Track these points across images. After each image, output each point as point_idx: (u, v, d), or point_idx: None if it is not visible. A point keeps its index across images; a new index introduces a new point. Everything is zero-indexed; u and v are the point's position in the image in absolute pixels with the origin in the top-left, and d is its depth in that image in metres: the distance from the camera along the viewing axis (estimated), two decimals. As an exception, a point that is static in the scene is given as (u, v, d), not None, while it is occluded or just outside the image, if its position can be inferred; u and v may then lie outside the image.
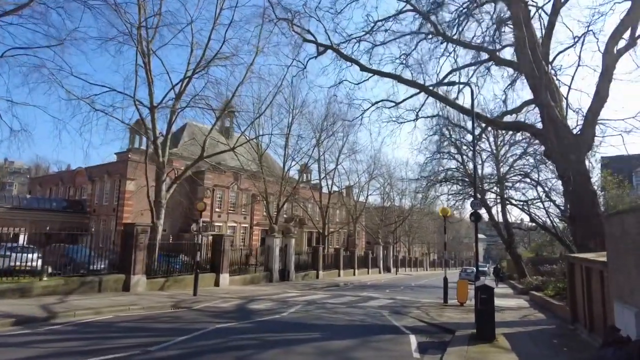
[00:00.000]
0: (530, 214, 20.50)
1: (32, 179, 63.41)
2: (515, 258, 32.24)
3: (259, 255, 25.44)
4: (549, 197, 19.67)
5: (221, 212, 49.82)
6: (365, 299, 16.01)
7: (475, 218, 11.46)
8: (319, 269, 30.12)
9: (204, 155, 20.69)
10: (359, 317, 11.11)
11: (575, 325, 10.07)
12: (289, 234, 26.56)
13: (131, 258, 15.05)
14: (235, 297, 15.12)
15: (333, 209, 64.62)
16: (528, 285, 23.83)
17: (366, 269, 42.16)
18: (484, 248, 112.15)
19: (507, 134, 28.74)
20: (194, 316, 10.54)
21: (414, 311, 12.64)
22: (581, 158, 13.84)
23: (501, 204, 30.80)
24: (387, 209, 62.19)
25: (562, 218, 19.39)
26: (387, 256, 51.05)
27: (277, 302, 13.82)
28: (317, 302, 13.97)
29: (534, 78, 14.57)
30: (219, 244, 19.73)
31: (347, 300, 15.08)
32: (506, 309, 14.69)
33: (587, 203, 12.96)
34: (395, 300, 16.52)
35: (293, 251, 26.33)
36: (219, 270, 19.48)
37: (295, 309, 12.01)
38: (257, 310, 11.74)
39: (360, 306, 13.38)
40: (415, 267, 67.74)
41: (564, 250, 38.08)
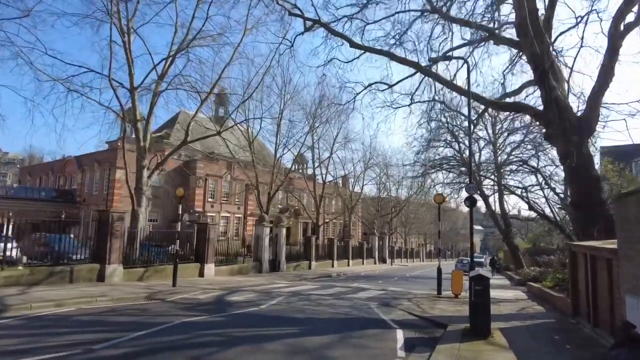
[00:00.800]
0: (528, 201, 19.67)
1: (22, 169, 62.30)
2: (513, 249, 31.55)
3: (249, 246, 24.64)
4: (548, 185, 18.86)
5: (214, 202, 48.94)
6: (355, 290, 15.22)
7: (470, 203, 10.61)
8: (312, 260, 29.35)
9: (188, 140, 19.72)
10: (344, 309, 10.29)
11: (577, 319, 9.29)
12: (279, 223, 25.72)
13: (106, 247, 14.18)
14: (218, 288, 14.30)
15: (329, 199, 63.93)
16: (525, 277, 23.18)
17: (361, 260, 41.47)
18: (481, 239, 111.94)
19: (505, 121, 27.91)
20: (164, 309, 9.70)
21: (405, 303, 11.84)
22: (584, 140, 12.96)
23: (499, 193, 30.03)
24: (383, 199, 61.46)
25: (562, 206, 18.58)
26: (383, 247, 50.32)
27: (260, 293, 13.01)
28: (302, 294, 13.16)
29: (536, 56, 13.62)
30: (203, 232, 18.86)
31: (335, 292, 14.28)
32: (503, 301, 13.92)
33: (591, 188, 12.13)
34: (387, 291, 15.74)
35: (284, 241, 25.52)
36: (204, 260, 18.63)
37: (277, 301, 11.19)
38: (235, 303, 10.91)
39: (348, 298, 12.57)
40: (412, 258, 67.15)
41: (562, 241, 37.46)
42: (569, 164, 12.82)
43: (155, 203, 45.57)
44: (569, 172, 12.99)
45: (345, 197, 53.40)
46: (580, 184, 12.38)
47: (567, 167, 13.11)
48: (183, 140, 19.76)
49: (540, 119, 13.81)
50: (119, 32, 17.42)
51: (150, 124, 18.82)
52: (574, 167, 12.61)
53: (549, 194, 18.93)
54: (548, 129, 13.69)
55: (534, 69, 14.32)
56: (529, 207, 20.29)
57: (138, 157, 18.59)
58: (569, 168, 13.00)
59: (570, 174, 12.94)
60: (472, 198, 10.88)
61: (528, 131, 25.36)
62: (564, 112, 13.18)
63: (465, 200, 11.08)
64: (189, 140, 19.77)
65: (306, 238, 30.82)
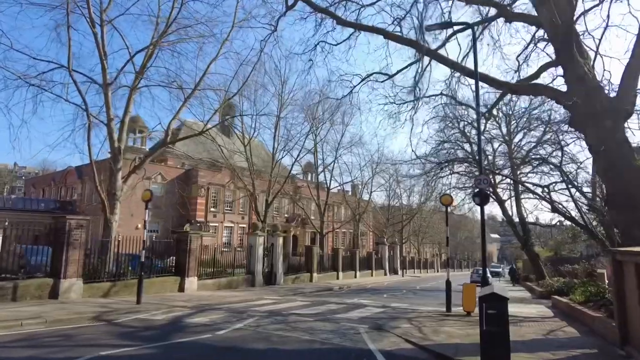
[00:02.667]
0: (551, 202, 17.27)
1: (27, 181, 61.81)
2: (533, 257, 28.87)
3: (242, 256, 22.63)
4: (572, 183, 16.41)
5: (217, 211, 47.32)
6: (349, 308, 13.06)
7: (480, 199, 8.47)
8: (313, 271, 27.19)
9: (168, 141, 17.94)
10: (323, 335, 8.18)
11: (628, 350, 7.02)
12: (276, 231, 23.70)
13: (62, 258, 12.36)
14: (189, 306, 12.33)
15: (337, 208, 61.76)
16: (549, 288, 20.65)
17: (370, 271, 39.13)
18: (498, 248, 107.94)
19: (521, 118, 25.54)
20: (95, 335, 7.75)
21: (403, 325, 9.65)
22: (620, 125, 10.72)
23: (515, 196, 27.51)
24: (394, 207, 59.05)
25: (589, 207, 16.12)
26: (394, 257, 47.84)
27: (231, 313, 10.97)
28: (282, 313, 11.07)
29: (557, 29, 11.51)
30: (184, 243, 16.97)
31: (324, 310, 12.14)
32: (524, 319, 11.61)
33: (632, 181, 9.86)
34: (387, 308, 13.53)
35: (280, 251, 23.46)
36: (185, 273, 16.71)
37: (244, 324, 9.14)
38: (192, 326, 8.90)
39: (335, 318, 10.43)
40: (425, 268, 64.23)
41: (587, 249, 34.57)
42: (602, 154, 10.60)
43: (156, 213, 44.12)
44: (602, 164, 10.72)
45: (353, 205, 51.10)
46: (616, 177, 10.12)
47: (599, 157, 10.88)
48: (163, 142, 18.02)
49: (564, 102, 11.60)
50: (89, 22, 15.86)
51: (125, 123, 17.10)
52: (609, 157, 10.38)
53: (574, 193, 16.50)
54: (574, 113, 11.48)
55: (554, 45, 12.20)
56: (552, 209, 17.85)
57: (113, 160, 16.84)
58: (601, 159, 10.77)
59: (603, 166, 10.67)
60: (483, 193, 8.74)
61: (546, 130, 23.03)
62: (593, 92, 10.98)
63: (474, 197, 8.96)
64: (169, 142, 17.99)
65: (307, 248, 28.70)
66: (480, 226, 9.11)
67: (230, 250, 23.70)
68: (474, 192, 29.46)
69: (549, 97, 13.03)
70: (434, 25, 10.87)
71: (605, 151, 10.47)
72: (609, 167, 10.38)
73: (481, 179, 8.87)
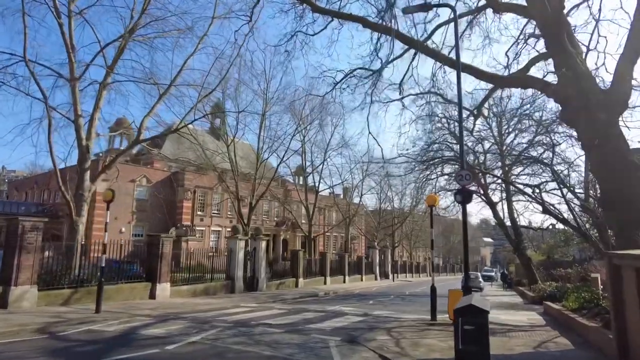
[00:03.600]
0: (543, 202, 16.49)
1: (10, 184, 60.24)
2: (525, 261, 28.15)
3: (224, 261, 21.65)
4: (563, 183, 15.64)
5: (204, 215, 46.24)
6: (327, 317, 12.15)
7: (462, 197, 7.62)
8: (299, 277, 26.22)
9: (141, 139, 16.97)
10: (287, 350, 7.27)
11: (627, 366, 6.19)
12: (258, 235, 22.73)
13: (13, 263, 11.35)
14: (154, 314, 11.37)
15: (329, 211, 60.87)
16: (540, 293, 19.90)
17: (360, 276, 38.18)
18: (491, 252, 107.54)
19: (512, 120, 24.84)
20: (24, 352, 6.79)
21: (380, 337, 8.75)
22: (615, 118, 9.97)
23: (506, 199, 26.82)
24: (386, 211, 58.27)
25: (582, 208, 15.36)
26: (385, 261, 46.89)
27: (195, 323, 10.02)
28: (250, 324, 10.12)
29: (547, 19, 10.81)
30: (155, 246, 15.97)
31: (298, 319, 11.22)
32: (513, 328, 10.77)
33: (627, 179, 9.10)
34: (369, 317, 12.63)
35: (263, 255, 22.49)
36: (156, 279, 15.71)
37: (202, 337, 8.20)
38: (142, 339, 7.96)
39: (307, 329, 9.51)
40: (418, 272, 63.34)
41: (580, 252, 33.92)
42: (595, 149, 9.84)
43: (141, 217, 42.98)
44: (595, 160, 9.95)
45: (343, 209, 50.21)
46: (611, 174, 9.34)
47: (592, 153, 10.11)
48: (135, 139, 17.05)
49: (555, 95, 10.85)
50: (53, 13, 14.93)
51: (95, 120, 16.13)
52: (602, 152, 9.62)
53: (566, 194, 15.72)
54: (565, 107, 10.73)
55: (545, 36, 11.48)
56: (543, 210, 17.10)
57: (80, 158, 15.84)
58: (594, 155, 10.01)
59: (596, 163, 9.91)
60: (466, 191, 7.89)
61: (537, 131, 22.33)
62: (586, 83, 10.24)
63: (456, 194, 8.13)
64: (141, 140, 17.01)
65: (293, 252, 27.74)
66: (462, 227, 8.27)
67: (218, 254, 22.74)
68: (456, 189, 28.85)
69: (538, 90, 12.29)
70: (412, 7, 10.06)
71: (599, 146, 9.72)
72: (602, 164, 9.62)
73: (463, 175, 8.01)
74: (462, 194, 7.78)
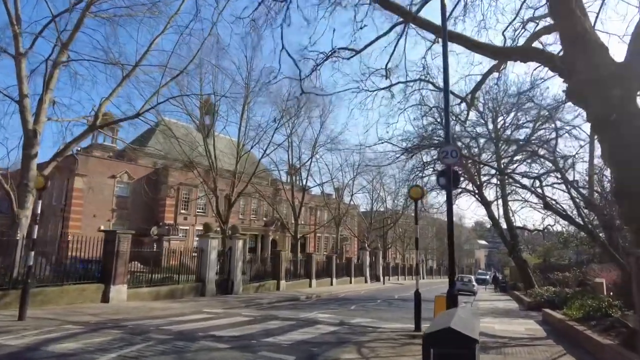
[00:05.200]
0: (543, 196, 14.93)
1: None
2: (520, 264, 26.61)
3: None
4: (566, 179, 14.05)
5: (188, 214, 44.44)
6: (295, 326, 10.48)
7: (446, 180, 5.98)
8: (281, 279, 24.53)
9: (97, 125, 15.22)
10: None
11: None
12: (235, 234, 21.02)
13: None
14: (93, 321, 9.66)
15: (320, 211, 59.15)
16: (538, 299, 18.41)
17: (349, 278, 36.58)
18: (486, 255, 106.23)
19: (509, 114, 23.27)
20: None
21: (346, 356, 7.09)
22: (632, 94, 8.41)
23: (502, 198, 25.27)
24: (378, 212, 56.74)
25: (587, 203, 13.75)
26: (376, 263, 45.31)
27: (127, 334, 8.32)
28: (194, 336, 8.43)
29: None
30: (111, 243, 14.23)
31: (257, 330, 9.53)
32: (510, 341, 9.17)
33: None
34: (344, 326, 10.97)
35: (240, 256, 20.77)
36: (111, 280, 13.98)
37: (119, 354, 6.51)
38: (42, 357, 6.27)
39: (259, 345, 7.81)
40: (410, 275, 61.74)
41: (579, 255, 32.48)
42: (610, 131, 8.27)
43: (121, 215, 41.03)
44: (609, 144, 8.36)
45: (333, 208, 48.52)
46: (630, 159, 7.77)
47: (605, 136, 8.53)
48: (92, 125, 15.27)
49: (561, 68, 9.28)
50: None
51: (45, 102, 14.38)
52: (619, 134, 8.04)
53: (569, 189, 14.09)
54: (572, 82, 9.15)
55: (549, 3, 9.92)
56: (544, 206, 15.52)
57: (26, 143, 14.07)
58: (608, 138, 8.43)
59: (611, 147, 8.32)
60: (451, 173, 6.24)
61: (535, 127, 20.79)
62: (597, 53, 8.67)
63: (439, 177, 6.53)
64: (99, 126, 15.26)
65: (274, 252, 26.07)
66: (447, 217, 6.65)
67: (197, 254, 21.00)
68: (458, 193, 27.15)
69: (541, 63, 10.67)
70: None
71: (614, 126, 8.13)
72: (618, 147, 8.02)
73: (448, 151, 6.33)
74: (446, 176, 6.16)
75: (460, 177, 9.21)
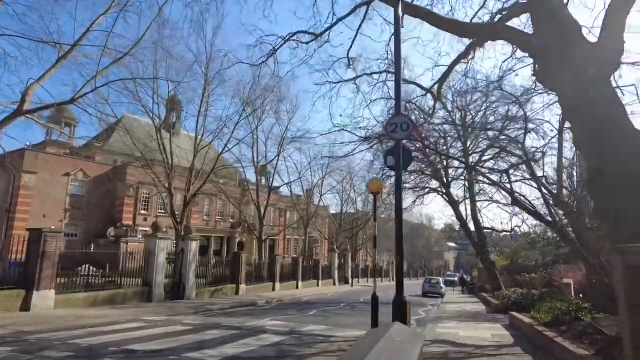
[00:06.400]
0: (511, 191, 14.24)
1: None
2: (488, 265, 26.16)
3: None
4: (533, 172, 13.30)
5: (148, 214, 42.14)
6: (233, 337, 9.18)
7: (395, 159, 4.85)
8: (240, 282, 23.06)
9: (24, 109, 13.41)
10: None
11: None
12: (188, 234, 19.46)
13: None
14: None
15: (290, 213, 57.74)
16: (505, 301, 17.78)
17: (316, 281, 35.40)
18: (455, 256, 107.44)
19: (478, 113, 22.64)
20: None
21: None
22: (606, 74, 7.63)
23: (470, 198, 24.72)
24: (348, 214, 55.96)
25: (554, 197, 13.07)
26: (345, 265, 44.36)
27: (18, 352, 6.83)
28: (103, 351, 7.03)
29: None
30: (36, 244, 12.52)
31: (187, 342, 8.19)
32: (475, 350, 8.21)
33: (624, 150, 6.73)
34: (291, 336, 9.75)
35: (193, 258, 19.24)
36: (34, 284, 12.27)
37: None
38: None
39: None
40: (380, 277, 61.17)
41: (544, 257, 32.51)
42: (583, 115, 7.44)
43: (76, 215, 38.33)
44: (583, 129, 7.53)
45: (302, 209, 47.31)
46: (606, 145, 6.95)
47: (578, 120, 7.71)
48: (17, 109, 13.43)
49: (531, 47, 8.44)
50: None
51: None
52: (594, 117, 7.22)
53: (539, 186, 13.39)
54: (543, 63, 8.32)
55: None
56: (512, 201, 14.85)
57: None
58: (581, 122, 7.61)
59: (585, 132, 7.49)
60: (400, 148, 5.11)
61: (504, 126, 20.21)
62: (571, 34, 7.86)
63: (386, 156, 5.42)
64: (25, 111, 13.43)
65: (234, 255, 24.59)
66: (395, 208, 5.55)
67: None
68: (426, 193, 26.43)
69: (509, 41, 9.83)
70: None
71: (587, 110, 7.31)
72: (593, 132, 7.20)
73: (397, 123, 5.19)
74: (395, 153, 5.03)
75: (412, 155, 8.22)
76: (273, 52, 14.17)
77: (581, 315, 9.20)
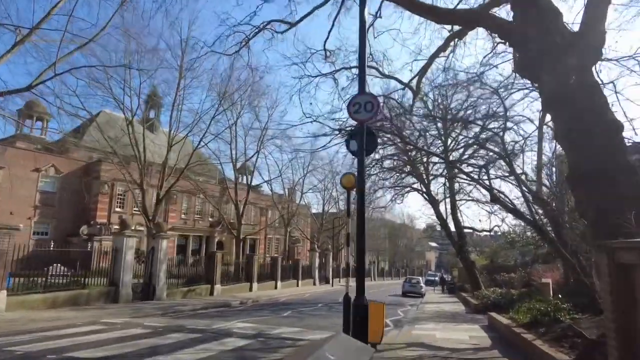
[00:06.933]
0: (490, 188, 13.97)
1: None
2: (468, 265, 26.00)
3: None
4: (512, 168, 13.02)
5: (123, 212, 40.79)
6: (194, 341, 8.54)
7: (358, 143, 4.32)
8: (215, 282, 22.31)
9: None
10: None
11: None
12: (159, 232, 18.65)
13: None
14: None
15: (272, 212, 56.94)
16: (484, 301, 17.58)
17: (296, 281, 34.80)
18: (436, 256, 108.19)
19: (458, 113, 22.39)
20: None
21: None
22: (588, 63, 7.29)
23: (450, 198, 24.50)
24: (331, 213, 55.47)
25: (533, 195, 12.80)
26: (326, 265, 43.86)
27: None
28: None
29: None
30: (-14, 242, 11.64)
31: (140, 348, 7.54)
32: (451, 354, 7.77)
33: (607, 145, 6.38)
34: (257, 339, 9.16)
35: (164, 257, 18.44)
36: (-17, 286, 11.39)
37: None
38: None
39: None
40: (367, 277, 60.86)
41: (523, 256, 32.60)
42: (563, 107, 7.07)
43: (47, 212, 36.82)
44: (564, 121, 7.16)
45: (284, 208, 46.64)
46: (587, 138, 6.59)
47: (559, 112, 7.35)
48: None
49: (510, 37, 8.07)
50: None
51: None
52: (575, 109, 6.85)
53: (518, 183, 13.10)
54: (522, 53, 7.95)
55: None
56: (492, 198, 14.55)
57: None
58: (562, 115, 7.25)
59: (566, 124, 7.11)
60: (363, 130, 4.58)
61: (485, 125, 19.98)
62: (550, 20, 7.50)
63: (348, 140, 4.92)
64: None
65: (209, 254, 23.83)
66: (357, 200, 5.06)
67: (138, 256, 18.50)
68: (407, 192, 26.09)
69: (489, 29, 9.48)
70: None
71: (569, 102, 6.94)
72: (575, 124, 6.83)
73: (361, 103, 4.65)
74: (358, 138, 4.51)
75: (377, 139, 7.70)
76: (247, 41, 13.58)
77: (560, 316, 8.90)
